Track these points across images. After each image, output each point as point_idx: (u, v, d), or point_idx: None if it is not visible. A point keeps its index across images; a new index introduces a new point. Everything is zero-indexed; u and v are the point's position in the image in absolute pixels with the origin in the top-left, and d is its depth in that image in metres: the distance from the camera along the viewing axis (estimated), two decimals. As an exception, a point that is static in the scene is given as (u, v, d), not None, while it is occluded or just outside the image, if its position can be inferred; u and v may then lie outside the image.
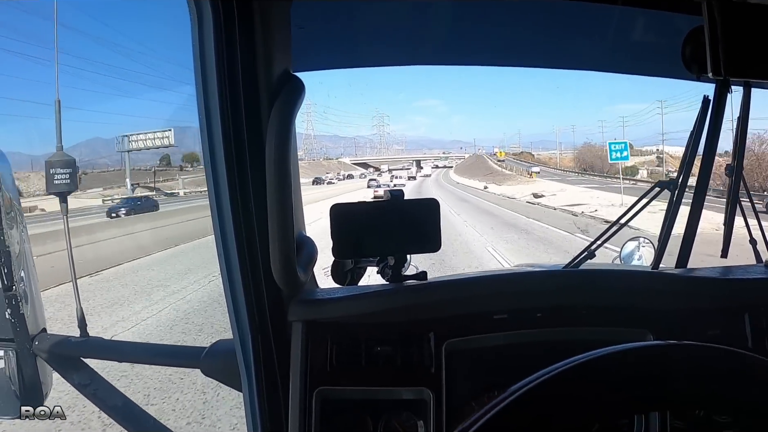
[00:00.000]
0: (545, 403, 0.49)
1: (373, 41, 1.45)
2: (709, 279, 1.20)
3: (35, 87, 33.12)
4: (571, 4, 1.22)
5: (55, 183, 1.34)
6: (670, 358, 0.54)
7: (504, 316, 1.06)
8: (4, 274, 1.24)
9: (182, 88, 31.14)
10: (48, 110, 29.49)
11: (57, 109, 1.38)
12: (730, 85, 1.22)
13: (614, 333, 1.05)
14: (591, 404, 0.49)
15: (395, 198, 1.04)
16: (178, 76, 32.24)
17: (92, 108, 37.67)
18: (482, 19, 1.34)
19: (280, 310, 1.02)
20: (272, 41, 0.94)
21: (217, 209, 0.94)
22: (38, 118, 22.04)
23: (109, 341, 1.47)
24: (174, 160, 37.65)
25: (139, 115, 47.38)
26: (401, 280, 1.10)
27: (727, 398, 0.52)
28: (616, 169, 36.75)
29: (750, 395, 0.51)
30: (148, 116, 44.85)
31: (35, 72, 28.96)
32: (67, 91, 25.29)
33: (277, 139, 0.89)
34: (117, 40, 46.29)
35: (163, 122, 37.52)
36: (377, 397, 1.02)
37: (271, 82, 0.94)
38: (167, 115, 44.41)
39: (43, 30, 15.96)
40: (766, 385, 0.51)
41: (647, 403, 0.53)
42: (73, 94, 27.11)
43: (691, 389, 0.52)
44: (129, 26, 54.40)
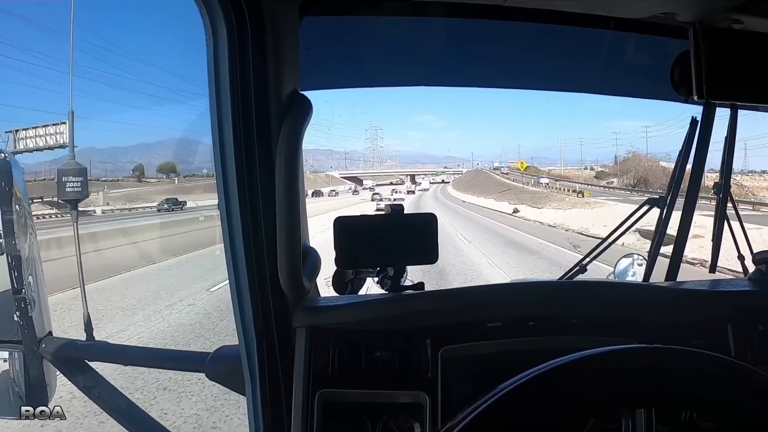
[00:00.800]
0: (528, 402, 0.53)
1: (377, 62, 1.51)
2: (696, 291, 1.25)
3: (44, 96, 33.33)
4: (565, 29, 1.27)
5: (67, 191, 1.38)
6: (640, 359, 0.59)
7: (498, 325, 1.10)
8: (14, 277, 1.27)
9: (193, 103, 31.23)
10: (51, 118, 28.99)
11: (70, 119, 1.43)
12: (715, 108, 1.28)
13: (602, 342, 1.08)
14: (571, 403, 0.54)
15: (395, 212, 1.10)
16: (188, 91, 32.50)
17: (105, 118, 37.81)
18: (482, 42, 1.40)
19: (284, 317, 1.06)
20: (282, 61, 1.00)
21: (227, 219, 0.99)
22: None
23: (114, 345, 1.50)
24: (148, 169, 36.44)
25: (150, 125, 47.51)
26: (400, 290, 1.14)
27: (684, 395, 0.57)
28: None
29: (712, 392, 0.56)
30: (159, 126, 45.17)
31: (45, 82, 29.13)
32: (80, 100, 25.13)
33: (287, 155, 0.95)
34: (135, 55, 46.75)
35: (179, 132, 37.61)
36: (376, 400, 1.06)
37: (280, 100, 0.99)
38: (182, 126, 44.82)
39: (58, 42, 16.03)
40: (726, 382, 0.56)
41: (628, 401, 0.58)
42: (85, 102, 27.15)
43: (659, 388, 0.57)
44: (145, 42, 55.13)
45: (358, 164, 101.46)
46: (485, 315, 1.11)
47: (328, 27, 1.24)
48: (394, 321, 1.10)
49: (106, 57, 44.27)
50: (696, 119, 1.34)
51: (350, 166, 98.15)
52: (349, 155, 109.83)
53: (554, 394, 0.54)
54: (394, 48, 1.41)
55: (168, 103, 41.70)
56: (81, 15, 29.00)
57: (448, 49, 1.44)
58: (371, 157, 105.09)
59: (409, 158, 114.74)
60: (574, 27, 1.26)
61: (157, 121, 61.19)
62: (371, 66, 1.52)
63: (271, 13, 0.96)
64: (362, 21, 1.25)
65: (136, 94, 46.18)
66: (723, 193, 1.43)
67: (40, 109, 38.68)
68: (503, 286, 1.26)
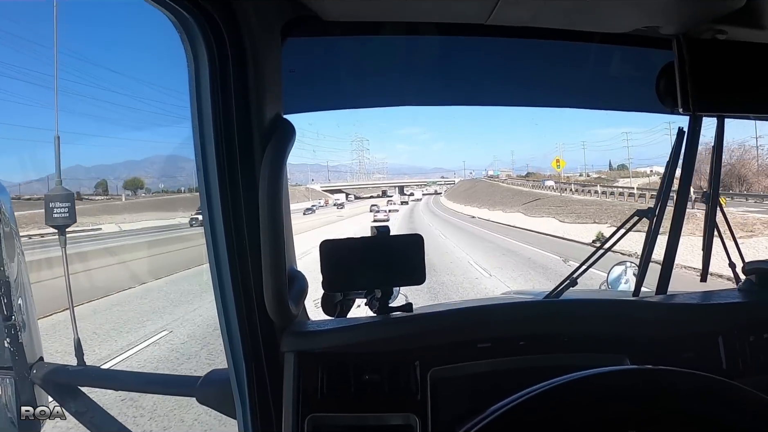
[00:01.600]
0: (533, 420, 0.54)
1: (361, 84, 1.51)
2: (686, 305, 1.25)
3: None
4: (549, 43, 1.27)
5: (54, 216, 1.37)
6: (637, 380, 0.59)
7: (487, 345, 1.10)
8: (3, 303, 1.26)
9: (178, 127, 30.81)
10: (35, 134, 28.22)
11: (56, 145, 1.43)
12: (701, 119, 1.28)
13: (593, 359, 1.09)
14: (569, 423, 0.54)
15: (382, 234, 1.09)
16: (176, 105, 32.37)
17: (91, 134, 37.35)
18: (462, 60, 1.40)
19: (272, 341, 1.06)
20: (264, 86, 1.00)
21: (213, 244, 0.99)
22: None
23: (105, 370, 1.51)
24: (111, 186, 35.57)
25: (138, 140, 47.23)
26: (388, 311, 1.14)
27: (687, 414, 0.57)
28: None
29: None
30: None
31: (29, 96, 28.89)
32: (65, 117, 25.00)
33: (269, 179, 0.94)
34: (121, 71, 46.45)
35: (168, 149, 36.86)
36: (366, 423, 1.05)
37: (263, 125, 0.99)
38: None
39: (43, 59, 15.93)
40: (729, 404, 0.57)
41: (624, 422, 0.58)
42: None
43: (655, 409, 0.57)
44: (130, 57, 55.11)
45: (345, 176, 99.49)
46: (475, 335, 1.11)
47: (311, 48, 1.23)
48: (383, 344, 1.09)
49: (91, 73, 44.01)
50: (683, 130, 1.33)
51: (337, 179, 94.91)
52: (335, 168, 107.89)
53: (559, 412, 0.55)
54: (379, 68, 1.41)
55: (156, 118, 41.51)
56: (63, 31, 28.94)
57: (432, 68, 1.45)
58: (357, 169, 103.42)
59: (396, 170, 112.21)
60: (557, 42, 1.26)
61: (144, 137, 60.82)
62: (356, 87, 1.52)
63: (251, 36, 0.95)
64: (346, 41, 1.25)
65: (122, 109, 45.80)
66: (712, 201, 1.43)
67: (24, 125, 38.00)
68: (493, 307, 1.25)
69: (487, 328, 1.14)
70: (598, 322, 1.17)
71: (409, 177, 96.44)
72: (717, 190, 1.43)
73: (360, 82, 1.49)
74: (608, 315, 1.19)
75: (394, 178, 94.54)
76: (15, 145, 26.72)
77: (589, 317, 1.18)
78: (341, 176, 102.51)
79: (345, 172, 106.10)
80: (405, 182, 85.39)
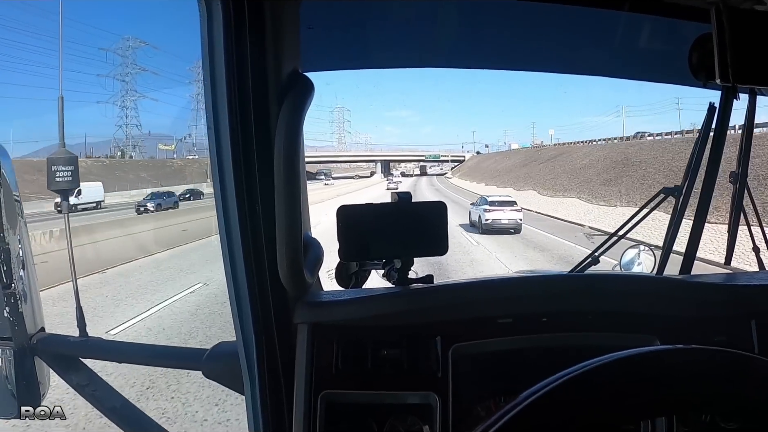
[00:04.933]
0: (557, 407, 0.49)
1: (382, 43, 1.45)
2: (714, 285, 1.20)
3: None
4: (580, 10, 1.21)
5: (57, 180, 1.32)
6: (677, 362, 0.54)
7: (509, 321, 1.06)
8: (3, 272, 1.23)
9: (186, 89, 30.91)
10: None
11: (60, 106, 1.37)
12: (737, 91, 1.22)
13: (621, 338, 1.05)
14: (602, 408, 0.50)
15: (403, 200, 1.04)
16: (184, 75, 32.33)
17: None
18: (491, 23, 1.34)
19: (285, 312, 1.01)
20: (282, 41, 0.94)
21: (223, 209, 0.93)
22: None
23: (108, 341, 1.46)
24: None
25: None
26: (407, 283, 1.09)
27: (730, 399, 0.53)
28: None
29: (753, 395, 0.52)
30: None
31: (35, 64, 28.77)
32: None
33: (286, 139, 0.89)
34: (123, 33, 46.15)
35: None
36: (382, 401, 1.01)
37: (280, 81, 0.93)
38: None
39: (47, 25, 15.99)
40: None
41: (661, 405, 0.54)
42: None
43: (698, 392, 0.52)
44: (136, 25, 54.42)
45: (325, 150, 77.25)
46: (497, 310, 1.07)
47: (329, 5, 1.17)
48: (402, 317, 1.05)
49: (96, 41, 43.73)
50: (714, 105, 1.28)
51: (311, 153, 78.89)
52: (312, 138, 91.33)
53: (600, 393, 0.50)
54: (401, 27, 1.35)
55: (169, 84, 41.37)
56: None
57: (457, 29, 1.38)
58: (336, 147, 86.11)
59: (384, 149, 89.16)
60: (587, 8, 1.20)
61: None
62: (376, 46, 1.45)
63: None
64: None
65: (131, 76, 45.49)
66: (740, 182, 1.38)
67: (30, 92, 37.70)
68: (515, 280, 1.21)
69: (510, 303, 1.09)
70: (623, 300, 1.12)
71: (401, 150, 71.45)
72: (746, 170, 1.38)
73: (380, 42, 1.43)
74: (634, 292, 1.14)
75: (383, 150, 69.27)
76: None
77: (613, 294, 1.13)
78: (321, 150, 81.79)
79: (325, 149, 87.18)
80: (395, 155, 60.40)
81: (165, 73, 51.64)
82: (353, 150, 77.08)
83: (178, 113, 43.94)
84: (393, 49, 1.47)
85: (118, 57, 43.72)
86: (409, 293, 1.08)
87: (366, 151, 72.31)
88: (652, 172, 20.24)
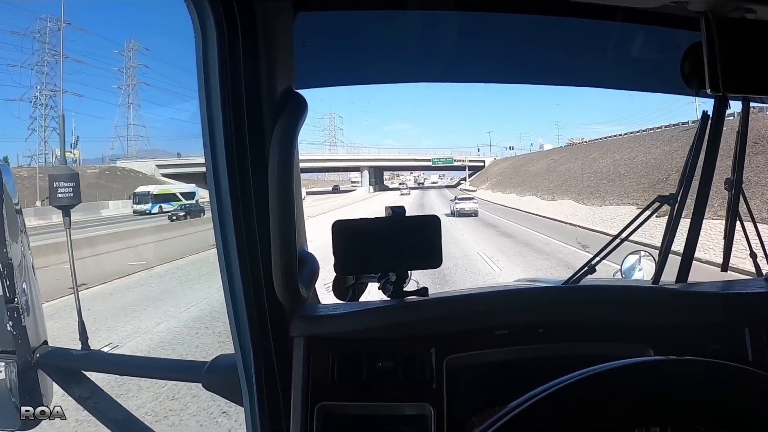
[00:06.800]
0: (545, 417, 0.50)
1: (376, 59, 1.46)
2: (710, 294, 1.21)
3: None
4: (573, 22, 1.22)
5: (59, 196, 1.34)
6: (666, 372, 0.55)
7: (505, 332, 1.06)
8: (6, 286, 1.24)
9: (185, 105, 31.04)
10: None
11: (61, 124, 1.39)
12: (728, 100, 1.23)
13: (615, 348, 1.05)
14: (593, 418, 0.51)
15: (397, 214, 1.05)
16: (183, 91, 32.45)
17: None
18: (484, 36, 1.35)
19: (281, 325, 1.02)
20: (275, 59, 0.96)
21: (220, 224, 0.95)
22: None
23: (110, 354, 1.48)
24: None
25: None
26: (403, 295, 1.10)
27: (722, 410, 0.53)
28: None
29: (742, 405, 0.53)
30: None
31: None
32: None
33: (280, 156, 0.90)
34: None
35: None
36: (378, 413, 1.02)
37: (274, 99, 0.95)
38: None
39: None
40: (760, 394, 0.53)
41: (652, 416, 0.54)
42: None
43: (690, 403, 0.53)
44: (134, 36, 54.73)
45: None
46: (492, 322, 1.08)
47: (324, 22, 1.19)
48: (397, 329, 1.06)
49: (97, 54, 44.02)
50: (707, 114, 1.29)
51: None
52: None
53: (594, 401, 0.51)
54: (394, 42, 1.36)
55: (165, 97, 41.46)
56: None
57: (450, 43, 1.39)
58: (327, 146, 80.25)
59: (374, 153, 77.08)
60: (579, 19, 1.21)
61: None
62: (370, 62, 1.46)
63: (263, 9, 0.91)
64: (360, 15, 1.20)
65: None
66: (735, 189, 1.38)
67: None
68: (511, 292, 1.21)
69: (505, 314, 1.10)
70: (619, 309, 1.12)
71: (399, 152, 60.57)
72: (741, 177, 1.38)
73: (374, 58, 1.44)
74: (629, 302, 1.15)
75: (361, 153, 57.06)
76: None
77: (609, 304, 1.14)
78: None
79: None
80: (391, 160, 49.53)
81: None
82: (340, 153, 66.19)
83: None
84: (388, 64, 1.48)
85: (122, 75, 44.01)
86: (404, 306, 1.09)
87: (352, 154, 59.11)
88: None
